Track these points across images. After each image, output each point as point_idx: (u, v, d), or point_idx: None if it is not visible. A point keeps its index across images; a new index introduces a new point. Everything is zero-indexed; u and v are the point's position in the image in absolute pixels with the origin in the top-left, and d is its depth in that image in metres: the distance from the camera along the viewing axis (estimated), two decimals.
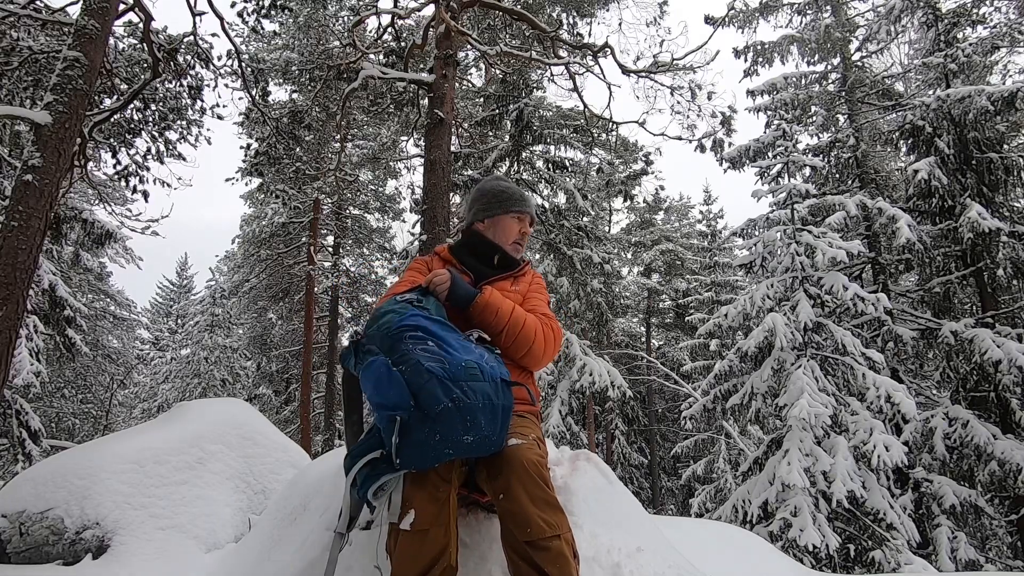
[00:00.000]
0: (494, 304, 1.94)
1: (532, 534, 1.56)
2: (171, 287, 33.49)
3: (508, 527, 1.60)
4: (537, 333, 1.98)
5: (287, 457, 4.57)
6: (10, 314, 4.38)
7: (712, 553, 3.99)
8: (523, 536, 1.56)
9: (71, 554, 3.66)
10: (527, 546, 1.56)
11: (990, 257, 10.74)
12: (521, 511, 1.57)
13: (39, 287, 10.06)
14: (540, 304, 2.15)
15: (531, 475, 1.61)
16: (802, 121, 13.67)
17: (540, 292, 2.22)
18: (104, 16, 5.10)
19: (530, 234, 2.27)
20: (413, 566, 1.56)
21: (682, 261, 23.80)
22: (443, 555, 1.58)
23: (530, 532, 1.56)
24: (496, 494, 1.62)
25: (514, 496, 1.58)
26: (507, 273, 2.18)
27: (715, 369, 11.30)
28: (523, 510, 1.57)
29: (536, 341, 1.97)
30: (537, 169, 14.19)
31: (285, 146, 12.10)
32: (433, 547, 1.57)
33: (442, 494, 1.61)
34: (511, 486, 1.59)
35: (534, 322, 1.99)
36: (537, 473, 1.62)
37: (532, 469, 1.62)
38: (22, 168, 4.62)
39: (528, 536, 1.56)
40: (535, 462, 1.64)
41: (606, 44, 8.31)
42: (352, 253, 21.06)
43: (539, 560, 1.55)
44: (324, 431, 19.26)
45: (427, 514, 1.58)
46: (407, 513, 1.58)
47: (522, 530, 1.56)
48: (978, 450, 9.99)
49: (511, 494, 1.59)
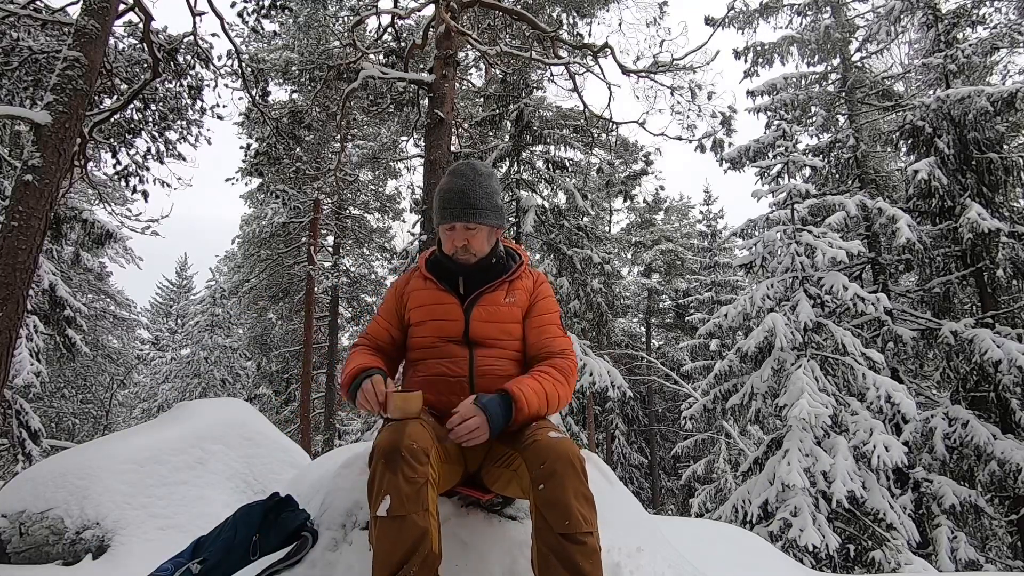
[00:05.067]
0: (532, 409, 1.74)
1: (571, 527, 1.54)
2: (171, 287, 33.47)
3: (544, 518, 1.56)
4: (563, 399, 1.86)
5: (287, 457, 4.57)
6: (10, 314, 4.38)
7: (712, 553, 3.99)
8: (560, 528, 1.54)
9: (71, 554, 3.66)
10: (563, 539, 1.54)
11: (990, 257, 10.74)
12: (563, 501, 1.55)
13: (39, 287, 10.06)
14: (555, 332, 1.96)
15: (576, 467, 1.59)
16: (802, 122, 13.66)
17: (550, 308, 2.01)
18: (104, 16, 5.11)
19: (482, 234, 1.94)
20: (392, 554, 1.51)
21: (682, 261, 23.81)
22: (423, 541, 1.53)
23: (568, 524, 1.54)
24: (535, 483, 1.59)
25: (558, 486, 1.56)
26: (498, 280, 1.98)
27: (715, 369, 11.30)
28: (565, 501, 1.55)
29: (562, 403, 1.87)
30: (537, 169, 14.18)
31: (285, 146, 12.10)
32: (412, 533, 1.52)
33: (419, 476, 1.55)
34: (555, 475, 1.57)
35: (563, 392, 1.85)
36: (581, 467, 1.61)
37: (577, 462, 1.60)
38: (22, 168, 4.63)
39: (566, 528, 1.54)
40: (579, 456, 1.63)
41: (606, 44, 8.32)
42: (352, 253, 21.07)
43: (575, 554, 1.53)
44: (324, 431, 19.26)
45: (402, 498, 1.53)
46: (382, 499, 1.54)
47: (560, 522, 1.54)
48: (978, 450, 9.99)
49: (555, 483, 1.57)
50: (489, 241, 1.97)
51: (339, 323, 20.15)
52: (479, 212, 1.90)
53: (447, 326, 1.92)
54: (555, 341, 1.95)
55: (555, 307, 2.03)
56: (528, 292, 2.00)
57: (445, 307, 1.94)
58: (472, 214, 1.89)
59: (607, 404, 20.29)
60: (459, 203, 1.90)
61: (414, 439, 1.59)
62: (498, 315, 1.93)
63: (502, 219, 1.99)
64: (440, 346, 1.91)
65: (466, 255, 1.93)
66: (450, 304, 1.94)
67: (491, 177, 1.97)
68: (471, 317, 1.91)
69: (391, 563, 1.52)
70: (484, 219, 1.91)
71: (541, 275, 2.09)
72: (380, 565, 1.54)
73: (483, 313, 1.92)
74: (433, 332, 1.93)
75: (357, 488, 2.02)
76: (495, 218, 1.95)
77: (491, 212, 1.93)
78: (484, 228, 1.93)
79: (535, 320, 1.97)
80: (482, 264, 1.96)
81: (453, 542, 1.82)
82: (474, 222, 1.90)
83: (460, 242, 1.91)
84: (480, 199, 1.91)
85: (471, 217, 1.89)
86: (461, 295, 1.95)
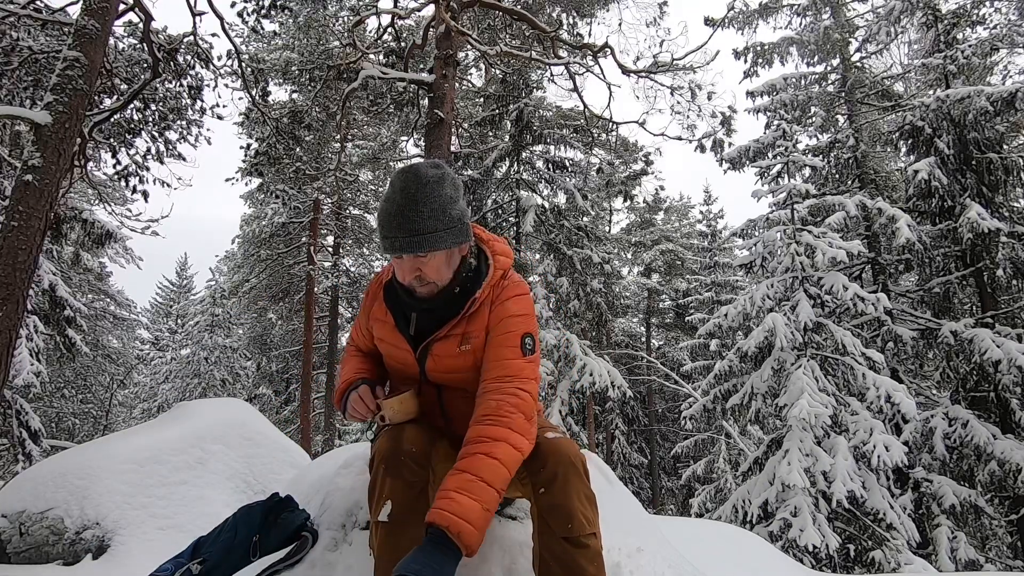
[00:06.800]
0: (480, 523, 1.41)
1: (574, 530, 1.51)
2: (171, 287, 33.47)
3: (547, 522, 1.53)
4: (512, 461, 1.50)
5: (287, 457, 4.57)
6: (10, 314, 4.38)
7: (712, 553, 3.99)
8: (563, 531, 1.51)
9: (71, 554, 3.66)
10: (566, 542, 1.51)
11: (990, 257, 10.75)
12: (567, 504, 1.52)
13: (39, 287, 10.06)
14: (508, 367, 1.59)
15: (578, 469, 1.56)
16: (801, 122, 13.67)
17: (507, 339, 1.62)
18: (104, 16, 5.11)
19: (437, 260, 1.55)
20: (394, 560, 1.47)
21: (682, 261, 23.82)
22: None
23: (571, 528, 1.51)
24: (537, 487, 1.56)
25: (561, 489, 1.53)
26: (449, 324, 1.63)
27: (715, 369, 11.30)
28: (569, 504, 1.52)
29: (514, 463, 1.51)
30: (537, 169, 14.19)
31: (285, 146, 12.11)
32: (414, 539, 1.48)
33: (419, 480, 1.55)
34: (558, 478, 1.53)
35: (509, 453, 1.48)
36: (583, 467, 1.58)
37: (579, 463, 1.57)
38: (22, 168, 4.63)
39: (569, 532, 1.51)
40: (580, 456, 1.61)
41: (606, 44, 8.32)
42: (352, 253, 21.08)
43: (578, 558, 1.50)
44: (324, 431, 19.28)
45: (403, 503, 1.53)
46: (383, 504, 1.55)
47: (563, 525, 1.51)
48: (978, 450, 9.99)
49: (558, 487, 1.53)
50: (450, 264, 1.60)
51: (339, 323, 20.15)
52: (426, 238, 1.49)
53: (407, 369, 1.74)
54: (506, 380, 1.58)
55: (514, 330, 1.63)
56: (485, 327, 1.64)
57: (400, 351, 1.72)
58: (418, 243, 1.49)
59: (607, 404, 20.30)
60: (399, 229, 1.49)
61: (413, 443, 1.58)
62: (453, 367, 1.67)
63: (463, 234, 1.57)
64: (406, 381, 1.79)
65: (425, 287, 1.58)
66: (404, 350, 1.71)
67: (440, 183, 1.52)
68: (425, 367, 1.69)
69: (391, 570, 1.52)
70: (435, 244, 1.51)
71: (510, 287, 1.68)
72: (382, 571, 1.54)
73: (436, 364, 1.67)
74: (396, 372, 1.83)
75: (357, 488, 2.03)
76: (450, 237, 1.53)
77: (444, 232, 1.52)
78: (438, 253, 1.54)
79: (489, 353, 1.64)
80: (445, 296, 1.62)
81: None
82: (423, 251, 1.51)
83: (411, 274, 1.56)
84: (426, 219, 1.49)
85: (418, 247, 1.50)
86: (413, 338, 1.68)
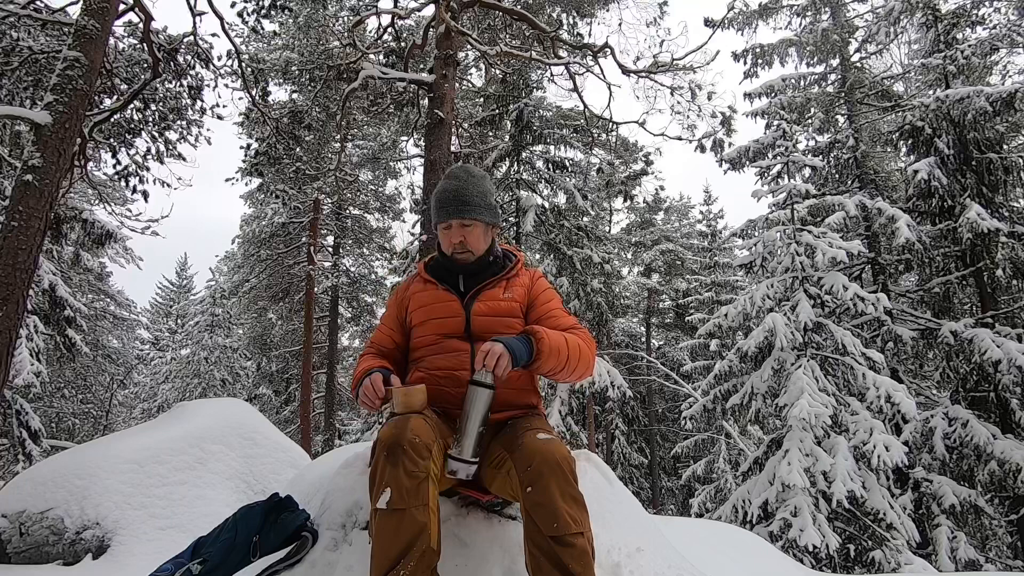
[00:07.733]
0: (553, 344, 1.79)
1: (559, 529, 1.54)
2: (171, 287, 33.46)
3: (533, 521, 1.57)
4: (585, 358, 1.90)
5: (287, 457, 4.58)
6: (10, 314, 4.38)
7: (712, 553, 3.99)
8: (549, 531, 1.54)
9: (71, 554, 3.66)
10: (552, 541, 1.53)
11: (989, 257, 10.74)
12: (550, 504, 1.55)
13: (39, 287, 10.06)
14: (561, 314, 2.02)
15: (563, 469, 1.59)
16: (801, 123, 13.67)
17: (552, 298, 2.07)
18: (104, 16, 5.10)
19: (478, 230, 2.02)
20: (391, 548, 1.51)
21: (682, 261, 23.81)
22: (422, 536, 1.53)
23: (557, 527, 1.54)
24: (524, 486, 1.59)
25: (545, 488, 1.56)
26: (495, 278, 2.04)
27: (715, 369, 11.30)
28: (552, 503, 1.55)
29: (590, 366, 1.93)
30: (537, 169, 14.18)
31: (285, 146, 12.10)
32: (411, 527, 1.52)
33: (420, 471, 1.56)
34: (542, 478, 1.57)
35: (586, 350, 1.91)
36: (569, 469, 1.61)
37: (564, 464, 1.60)
38: (22, 168, 4.62)
39: (555, 531, 1.54)
40: (567, 457, 1.63)
41: (606, 44, 8.31)
42: (352, 253, 21.07)
43: (564, 556, 1.52)
44: (324, 431, 19.26)
45: (402, 492, 1.54)
46: (383, 491, 1.55)
47: (549, 524, 1.54)
48: (978, 450, 9.99)
49: (541, 486, 1.57)
50: (485, 239, 2.05)
51: (339, 323, 20.16)
52: (473, 209, 1.99)
53: (448, 323, 1.95)
54: (565, 321, 2.00)
55: (556, 296, 2.09)
56: (526, 288, 2.06)
57: (445, 304, 1.98)
58: (467, 210, 1.98)
59: (607, 404, 20.26)
60: (453, 201, 1.99)
61: (416, 433, 1.60)
62: (498, 309, 1.97)
63: (497, 217, 2.07)
64: (441, 342, 1.94)
65: (464, 253, 2.00)
66: (450, 301, 1.98)
67: (484, 179, 2.06)
68: (471, 312, 1.95)
69: (389, 556, 1.52)
70: (478, 215, 2.00)
71: (538, 271, 2.17)
72: (378, 558, 1.54)
73: (483, 307, 1.96)
74: (434, 330, 1.96)
75: (357, 488, 2.03)
76: (489, 215, 2.04)
77: (485, 210, 2.02)
78: (479, 225, 2.01)
79: (539, 310, 2.03)
80: (480, 263, 2.03)
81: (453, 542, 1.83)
82: (469, 218, 1.99)
83: (456, 239, 1.99)
84: (474, 197, 2.00)
85: (465, 213, 1.98)
86: (461, 292, 2.01)
